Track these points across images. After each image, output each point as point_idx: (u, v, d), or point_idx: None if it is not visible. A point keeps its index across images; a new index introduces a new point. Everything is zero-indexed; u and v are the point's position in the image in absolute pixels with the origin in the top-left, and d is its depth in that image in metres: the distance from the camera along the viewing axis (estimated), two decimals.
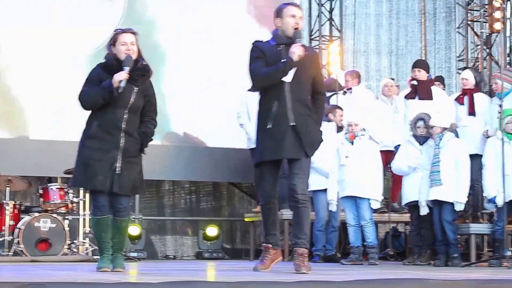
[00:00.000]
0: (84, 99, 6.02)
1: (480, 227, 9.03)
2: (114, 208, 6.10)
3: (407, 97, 9.59)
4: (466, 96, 9.48)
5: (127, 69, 5.92)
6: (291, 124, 5.99)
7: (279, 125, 6.00)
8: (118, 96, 5.90)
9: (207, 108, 11.52)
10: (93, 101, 5.98)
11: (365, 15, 13.34)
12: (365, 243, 8.89)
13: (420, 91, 9.51)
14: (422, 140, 8.71)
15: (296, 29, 6.08)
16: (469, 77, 9.53)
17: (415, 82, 9.55)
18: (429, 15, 13.63)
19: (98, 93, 5.93)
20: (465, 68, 11.72)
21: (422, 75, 9.59)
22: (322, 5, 12.72)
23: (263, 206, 6.33)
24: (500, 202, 8.17)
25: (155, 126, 6.24)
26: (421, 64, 9.87)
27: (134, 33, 6.12)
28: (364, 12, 13.33)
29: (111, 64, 6.03)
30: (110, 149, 5.96)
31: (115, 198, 6.06)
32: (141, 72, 6.08)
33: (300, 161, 6.05)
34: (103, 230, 6.10)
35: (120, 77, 5.87)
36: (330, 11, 12.75)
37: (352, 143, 8.88)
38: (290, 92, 6.02)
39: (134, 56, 6.02)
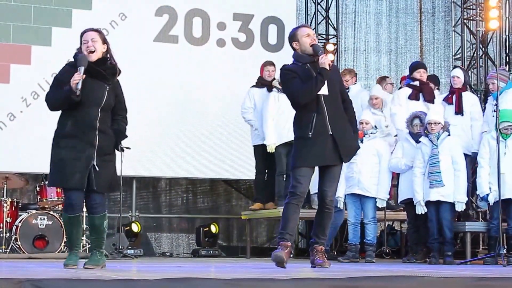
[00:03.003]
0: (50, 102, 6.06)
1: (475, 225, 9.08)
2: (89, 205, 6.12)
3: (411, 98, 9.58)
4: (454, 95, 9.52)
5: (82, 69, 5.92)
6: (330, 133, 6.45)
7: (320, 134, 6.47)
8: (89, 95, 5.93)
9: (205, 106, 11.61)
10: (58, 104, 6.02)
11: (365, 14, 13.37)
12: (364, 240, 8.94)
13: (426, 93, 9.52)
14: (418, 137, 8.75)
15: (313, 45, 6.56)
16: (460, 76, 9.57)
17: (417, 83, 9.55)
18: (428, 14, 13.66)
19: (61, 97, 5.96)
20: (455, 67, 11.72)
21: (425, 76, 9.63)
22: (318, 3, 12.74)
23: (290, 204, 6.53)
24: (492, 199, 8.24)
25: (127, 124, 6.33)
26: (424, 65, 9.89)
27: (96, 30, 6.18)
28: (364, 11, 13.36)
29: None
30: (85, 147, 5.96)
31: (90, 196, 6.06)
32: (111, 71, 6.12)
33: (334, 168, 6.55)
34: (75, 227, 6.11)
35: (75, 80, 5.88)
36: (327, 10, 12.77)
37: (362, 141, 8.91)
38: (326, 104, 6.48)
39: (97, 52, 6.06)
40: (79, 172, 5.94)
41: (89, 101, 5.98)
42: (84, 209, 9.60)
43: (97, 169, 5.97)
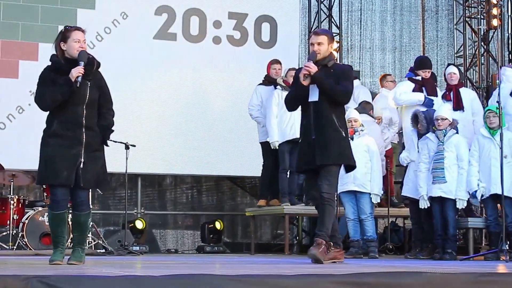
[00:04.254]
0: (43, 99, 6.06)
1: (478, 221, 9.11)
2: (74, 202, 6.16)
3: (415, 91, 9.61)
4: (451, 91, 9.55)
5: (82, 64, 5.98)
6: (313, 137, 6.73)
7: (305, 139, 6.85)
8: (75, 92, 5.96)
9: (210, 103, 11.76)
10: (53, 100, 6.02)
11: (371, 11, 13.43)
12: (364, 237, 8.99)
13: (428, 87, 9.57)
14: (421, 135, 8.81)
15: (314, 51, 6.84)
16: (456, 72, 9.62)
17: (419, 78, 9.59)
18: (432, 12, 13.71)
19: (56, 91, 5.98)
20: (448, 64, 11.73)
21: (429, 76, 9.69)
22: (321, 2, 12.80)
23: (316, 207, 6.92)
24: (479, 195, 8.32)
25: (113, 116, 6.33)
26: (431, 65, 9.92)
27: (84, 30, 6.19)
28: (370, 8, 13.42)
29: (60, 65, 6.08)
30: (73, 145, 6.01)
31: (76, 193, 6.11)
32: (91, 66, 6.13)
33: (327, 167, 6.74)
34: (60, 224, 6.17)
35: (78, 72, 5.93)
36: (329, 8, 12.83)
37: (352, 139, 8.96)
38: (314, 110, 6.75)
39: None
40: (66, 169, 5.98)
41: (73, 100, 6.01)
42: (91, 206, 9.85)
43: (84, 166, 6.00)
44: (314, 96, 6.78)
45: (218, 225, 11.49)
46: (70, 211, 6.48)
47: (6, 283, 3.75)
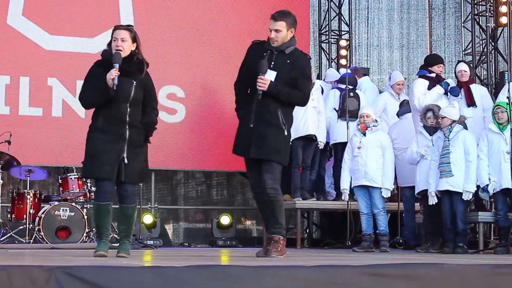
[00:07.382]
0: (84, 100, 6.28)
1: (488, 216, 9.18)
2: (120, 195, 6.29)
3: (430, 88, 9.68)
4: (462, 88, 9.62)
5: (116, 65, 6.08)
6: (251, 125, 6.36)
7: (244, 126, 6.47)
8: (118, 92, 6.09)
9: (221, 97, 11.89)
10: (93, 102, 6.24)
11: (378, 10, 13.50)
12: (377, 231, 9.06)
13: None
14: (432, 130, 8.86)
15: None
16: (466, 69, 9.68)
17: (433, 75, 9.67)
18: (439, 10, 13.77)
19: (95, 94, 6.15)
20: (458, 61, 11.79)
21: (442, 71, 9.77)
22: (331, 0, 12.88)
23: (254, 199, 6.76)
24: (491, 190, 8.39)
25: (157, 115, 6.44)
26: (443, 60, 9.99)
27: (128, 29, 6.28)
28: (376, 7, 13.49)
29: (108, 61, 6.20)
30: (116, 140, 6.15)
31: (122, 186, 6.25)
32: (137, 66, 6.25)
33: (268, 161, 6.41)
34: (104, 215, 6.25)
35: (111, 76, 6.05)
36: (339, 6, 12.91)
37: (364, 134, 9.05)
38: (258, 99, 6.36)
39: (126, 52, 6.18)
40: (109, 163, 6.13)
41: (118, 97, 6.15)
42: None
43: (127, 161, 6.15)
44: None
45: (227, 219, 11.56)
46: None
47: (31, 273, 3.83)
